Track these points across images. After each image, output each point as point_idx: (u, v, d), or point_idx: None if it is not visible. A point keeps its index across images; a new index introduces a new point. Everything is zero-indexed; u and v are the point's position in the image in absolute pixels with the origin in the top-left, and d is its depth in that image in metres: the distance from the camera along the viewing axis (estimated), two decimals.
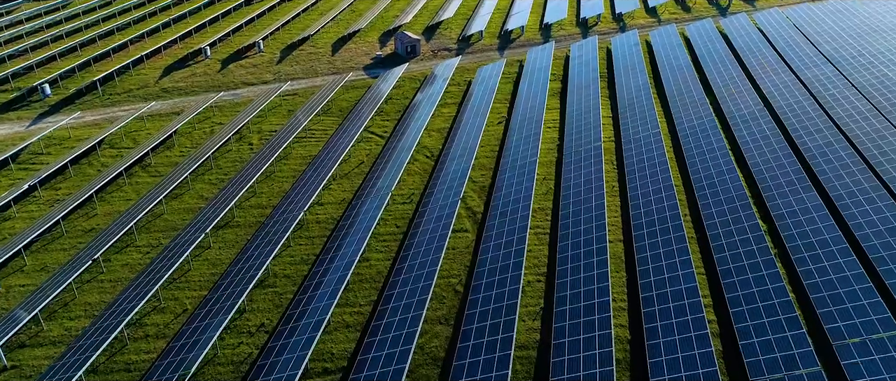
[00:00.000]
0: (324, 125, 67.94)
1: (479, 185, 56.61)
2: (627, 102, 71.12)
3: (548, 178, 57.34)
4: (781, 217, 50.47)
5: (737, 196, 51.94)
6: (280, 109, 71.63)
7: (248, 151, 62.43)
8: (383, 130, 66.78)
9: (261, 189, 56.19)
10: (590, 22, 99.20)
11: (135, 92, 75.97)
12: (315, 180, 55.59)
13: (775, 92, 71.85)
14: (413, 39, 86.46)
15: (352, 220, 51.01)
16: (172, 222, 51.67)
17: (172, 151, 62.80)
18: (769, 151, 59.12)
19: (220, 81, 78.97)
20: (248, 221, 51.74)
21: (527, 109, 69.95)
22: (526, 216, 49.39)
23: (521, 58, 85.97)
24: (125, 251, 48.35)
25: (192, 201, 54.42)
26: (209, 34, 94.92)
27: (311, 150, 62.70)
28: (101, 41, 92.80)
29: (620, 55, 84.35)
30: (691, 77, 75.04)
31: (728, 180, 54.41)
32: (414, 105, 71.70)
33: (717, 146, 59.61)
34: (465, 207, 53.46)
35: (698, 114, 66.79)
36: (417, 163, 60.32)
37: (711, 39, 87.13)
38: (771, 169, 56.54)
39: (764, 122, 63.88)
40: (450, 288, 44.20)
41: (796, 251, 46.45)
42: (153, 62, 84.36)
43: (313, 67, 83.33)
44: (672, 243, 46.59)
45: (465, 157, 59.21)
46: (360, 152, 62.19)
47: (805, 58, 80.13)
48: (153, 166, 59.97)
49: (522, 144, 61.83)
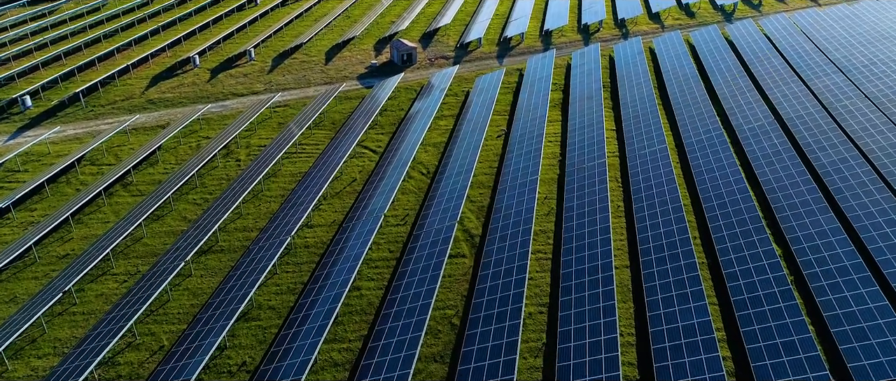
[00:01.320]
0: (315, 139, 65.09)
1: (478, 205, 53.81)
2: (632, 114, 68.33)
3: (549, 197, 54.54)
4: (797, 241, 47.70)
5: (749, 218, 49.15)
6: (270, 122, 68.77)
7: (236, 168, 59.58)
8: (377, 144, 63.94)
9: (247, 210, 53.34)
10: (591, 28, 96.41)
11: (119, 104, 73.05)
12: (305, 201, 52.77)
13: (785, 103, 69.09)
14: (409, 47, 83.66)
15: (342, 245, 48.18)
16: (152, 247, 48.82)
17: (156, 168, 59.91)
18: (781, 167, 56.35)
19: (208, 91, 76.07)
20: (232, 245, 48.90)
21: (527, 121, 67.14)
22: (527, 242, 46.57)
23: (521, 66, 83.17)
24: (100, 280, 45.49)
25: (175, 224, 51.55)
26: (199, 42, 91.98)
27: (301, 166, 59.85)
28: (87, 50, 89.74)
29: (623, 64, 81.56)
30: (697, 87, 72.26)
31: (739, 201, 51.61)
32: (409, 117, 68.89)
33: (726, 163, 56.82)
34: (462, 229, 50.66)
35: (706, 126, 64.01)
36: (412, 180, 57.51)
37: (717, 47, 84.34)
38: (784, 188, 53.77)
39: (774, 136, 61.11)
40: (445, 321, 41.39)
41: (814, 279, 43.68)
42: (139, 72, 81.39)
43: (306, 76, 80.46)
44: (682, 271, 43.79)
45: (462, 174, 56.40)
46: (352, 169, 59.37)
47: (815, 66, 77.36)
48: (135, 185, 57.08)
49: (523, 161, 59.02)
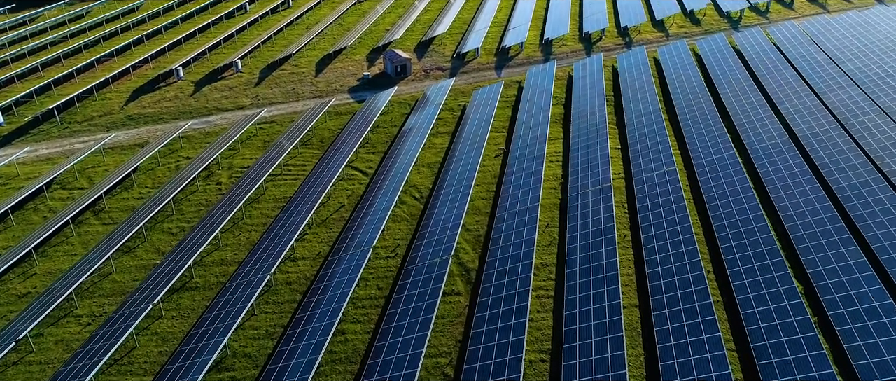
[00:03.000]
0: (302, 159, 61.35)
1: (474, 234, 50.10)
2: (637, 131, 64.63)
3: (551, 225, 50.86)
4: (819, 276, 44.04)
5: (767, 251, 45.47)
6: (255, 140, 65.01)
7: (216, 193, 55.82)
8: (368, 165, 60.20)
9: (226, 240, 49.60)
10: (593, 37, 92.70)
11: (97, 120, 69.21)
12: (288, 230, 49.04)
13: (798, 119, 65.42)
14: (403, 58, 79.92)
15: (327, 281, 44.46)
16: (121, 284, 45.05)
17: (130, 192, 56.13)
18: (799, 192, 52.69)
19: (191, 106, 72.27)
20: (208, 282, 45.15)
21: (527, 139, 63.43)
22: (527, 279, 42.87)
23: (520, 78, 79.47)
24: (62, 323, 41.75)
25: (147, 257, 47.79)
26: (184, 52, 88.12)
27: (286, 190, 56.11)
28: (67, 60, 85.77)
29: (628, 76, 77.87)
30: (706, 101, 68.58)
31: (756, 231, 47.94)
32: (403, 134, 65.15)
33: (740, 187, 53.14)
34: (457, 262, 46.97)
35: (716, 145, 60.33)
36: (405, 206, 53.80)
37: (725, 58, 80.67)
38: (802, 215, 50.10)
39: (790, 156, 57.45)
40: (438, 370, 37.70)
41: (840, 321, 40.03)
42: (119, 85, 77.52)
43: (294, 89, 76.69)
44: (697, 313, 40.12)
45: (457, 200, 52.69)
46: (340, 193, 55.64)
47: (828, 79, 73.72)
48: (107, 212, 53.30)
49: (522, 184, 55.32)
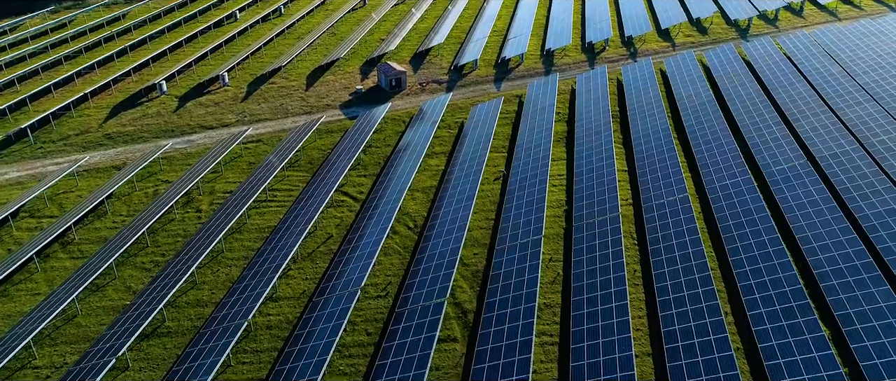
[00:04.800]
0: (289, 183, 57.63)
1: (472, 269, 46.38)
2: (645, 152, 60.93)
3: (555, 258, 47.15)
4: (848, 320, 40.36)
5: (791, 292, 41.77)
6: (240, 161, 61.25)
7: (195, 222, 52.06)
8: (359, 189, 56.47)
9: (204, 277, 45.85)
10: (596, 47, 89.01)
11: (73, 139, 65.40)
12: (271, 266, 45.30)
13: (815, 138, 61.76)
14: (398, 72, 76.21)
15: (311, 326, 40.72)
16: (86, 329, 41.29)
17: (103, 221, 52.36)
18: (821, 222, 48.99)
19: (174, 123, 68.49)
20: (181, 326, 41.39)
21: (528, 161, 59.73)
22: (530, 326, 39.14)
23: (521, 92, 75.77)
24: (18, 376, 37.94)
25: (116, 296, 44.04)
26: (169, 64, 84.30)
27: (270, 219, 52.37)
28: (45, 73, 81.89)
29: (634, 90, 74.19)
30: (717, 118, 64.89)
31: (777, 267, 44.24)
32: (397, 155, 61.44)
33: (758, 217, 49.46)
34: (453, 302, 43.25)
35: (730, 168, 56.66)
36: (397, 237, 50.07)
37: (735, 70, 76.98)
38: (826, 248, 46.41)
39: (809, 180, 53.76)
40: None
41: (874, 374, 36.39)
42: (99, 100, 73.68)
43: (283, 104, 72.92)
44: (717, 366, 36.43)
45: (454, 231, 48.97)
46: (329, 223, 51.90)
47: (844, 93, 70.08)
48: (76, 244, 49.53)
49: (524, 213, 51.61)
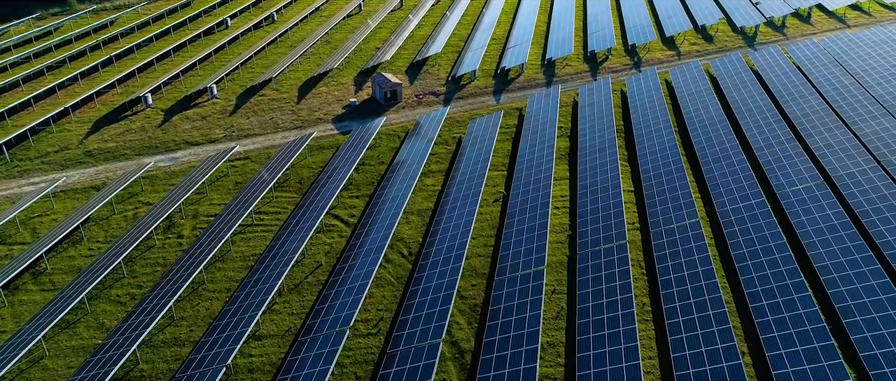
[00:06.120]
0: (277, 205, 54.64)
1: (469, 302, 43.40)
2: (652, 171, 57.96)
3: (558, 290, 44.19)
4: (875, 361, 37.46)
5: (813, 331, 38.80)
6: (226, 181, 58.24)
7: (176, 249, 49.05)
8: (351, 212, 53.47)
9: (183, 312, 42.84)
10: (599, 56, 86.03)
11: (51, 157, 62.36)
12: (255, 300, 42.30)
13: (830, 156, 58.83)
14: (393, 83, 73.23)
15: (296, 371, 37.70)
16: (52, 373, 38.24)
17: (79, 248, 49.35)
18: (841, 249, 46.05)
19: (158, 139, 65.44)
20: (156, 369, 38.37)
21: (529, 181, 56.75)
22: (532, 371, 36.16)
23: (521, 105, 72.80)
24: None
25: (87, 335, 41.03)
26: (156, 74, 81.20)
27: (256, 245, 49.38)
28: (26, 85, 78.76)
29: (638, 103, 71.21)
30: (727, 134, 61.93)
31: (796, 301, 41.28)
32: (391, 173, 58.44)
33: (774, 245, 46.48)
34: (450, 340, 40.28)
35: (742, 189, 53.71)
36: (390, 266, 47.09)
37: (744, 82, 74.06)
38: (848, 279, 43.46)
39: (826, 203, 50.81)
40: None
41: None
42: (81, 114, 70.59)
43: (273, 118, 69.90)
44: None
45: (451, 260, 45.97)
46: (318, 250, 48.89)
47: (857, 106, 67.20)
48: (48, 274, 46.51)
49: (525, 239, 48.63)
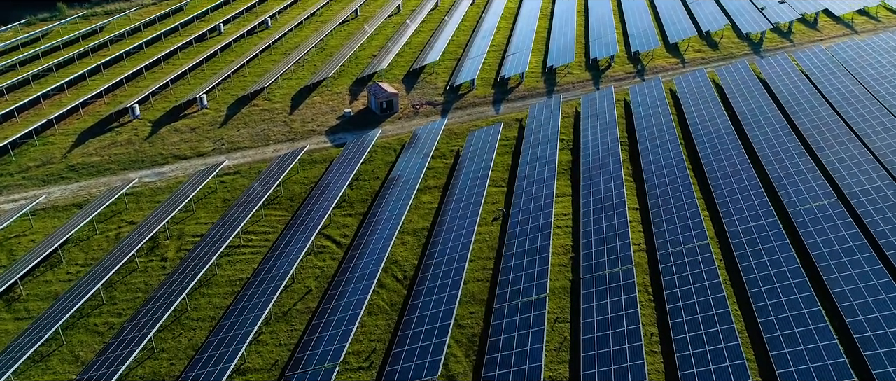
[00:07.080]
0: (267, 224, 52.28)
1: (467, 333, 41.03)
2: (658, 187, 55.63)
3: (561, 318, 41.84)
4: None
5: (833, 366, 36.50)
6: (214, 198, 55.88)
7: (159, 273, 46.68)
8: (343, 232, 51.10)
9: (163, 342, 40.46)
10: (601, 64, 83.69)
11: (33, 172, 59.97)
12: (240, 331, 39.92)
13: (843, 171, 56.51)
14: (389, 94, 70.88)
15: None
16: None
17: (57, 272, 46.97)
18: (859, 274, 43.71)
19: (145, 152, 63.05)
20: None
21: (530, 198, 54.40)
22: None
23: (522, 115, 70.44)
24: None
25: (62, 369, 38.64)
26: (145, 83, 78.76)
27: (243, 269, 47.00)
28: (11, 95, 76.37)
29: (643, 114, 68.87)
30: (735, 148, 59.59)
31: (814, 333, 38.94)
32: (386, 189, 56.08)
33: (788, 269, 44.14)
34: (446, 375, 37.91)
35: (753, 208, 51.38)
36: (384, 291, 44.72)
37: (751, 91, 71.74)
38: (867, 308, 41.13)
39: (841, 223, 48.48)
40: None
41: None
42: (65, 126, 68.16)
43: (265, 130, 67.52)
44: None
45: (448, 286, 43.60)
46: (308, 274, 46.51)
47: (869, 117, 64.89)
48: (23, 301, 44.12)
49: (526, 263, 46.25)
